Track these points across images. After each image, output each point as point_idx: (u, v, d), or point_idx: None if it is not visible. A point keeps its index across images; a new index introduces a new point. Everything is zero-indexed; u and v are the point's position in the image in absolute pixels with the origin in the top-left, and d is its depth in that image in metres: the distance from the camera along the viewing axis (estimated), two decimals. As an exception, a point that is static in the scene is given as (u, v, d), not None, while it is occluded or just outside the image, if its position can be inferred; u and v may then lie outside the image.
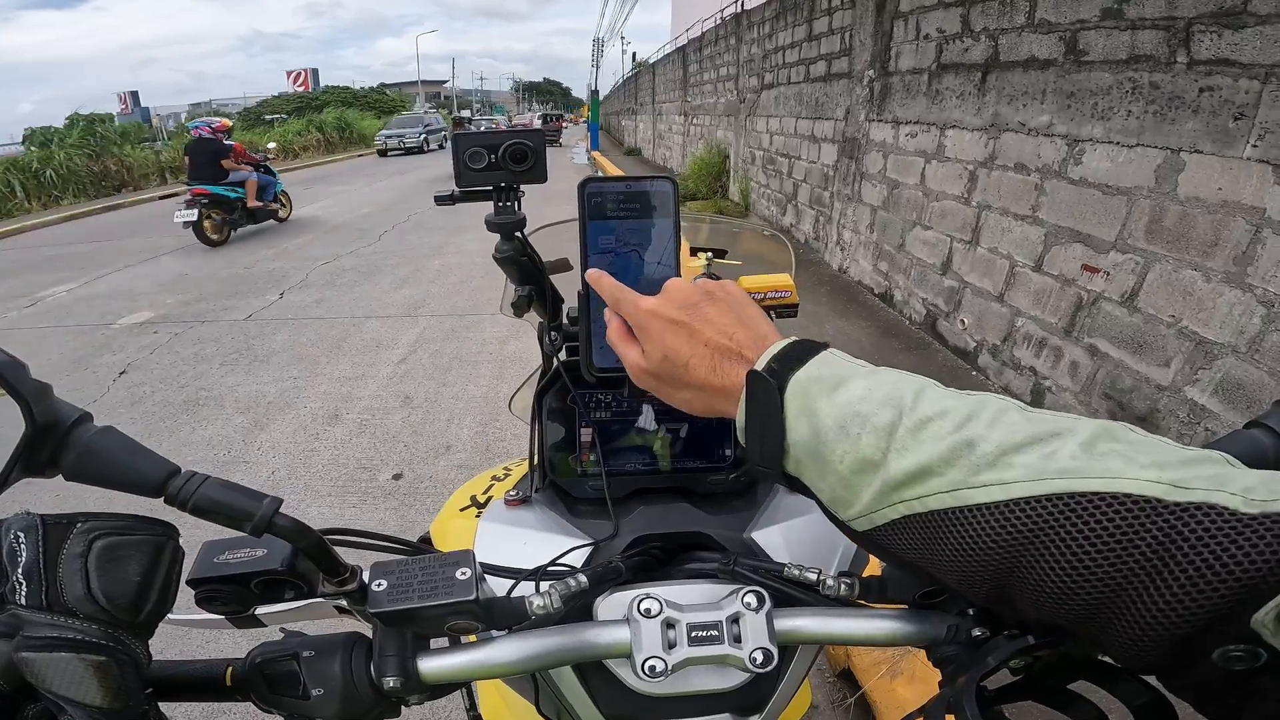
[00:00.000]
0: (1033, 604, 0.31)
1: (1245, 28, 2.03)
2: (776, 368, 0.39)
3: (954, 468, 0.32)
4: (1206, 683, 0.27)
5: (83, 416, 0.34)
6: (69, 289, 6.37)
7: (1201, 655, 0.26)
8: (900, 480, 0.33)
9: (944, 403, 0.35)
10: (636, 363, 0.47)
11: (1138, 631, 0.27)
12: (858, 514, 0.36)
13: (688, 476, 0.66)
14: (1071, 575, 0.28)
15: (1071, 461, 0.29)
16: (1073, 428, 0.32)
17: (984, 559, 0.31)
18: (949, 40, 3.70)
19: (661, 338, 0.45)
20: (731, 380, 0.42)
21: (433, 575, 0.39)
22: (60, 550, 0.33)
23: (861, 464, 0.35)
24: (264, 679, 0.42)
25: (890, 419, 0.35)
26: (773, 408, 0.38)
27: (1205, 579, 0.25)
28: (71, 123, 16.15)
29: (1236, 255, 2.11)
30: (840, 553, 0.60)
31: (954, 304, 3.80)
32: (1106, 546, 0.27)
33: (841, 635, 0.46)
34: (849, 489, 0.36)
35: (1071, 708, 0.41)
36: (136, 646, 0.35)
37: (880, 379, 0.37)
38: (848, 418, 0.36)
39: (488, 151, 0.59)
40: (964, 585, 0.34)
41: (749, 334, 0.44)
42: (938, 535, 0.33)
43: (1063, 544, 0.28)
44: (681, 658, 0.43)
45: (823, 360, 0.39)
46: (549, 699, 0.57)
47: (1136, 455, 0.29)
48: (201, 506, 0.34)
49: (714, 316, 0.45)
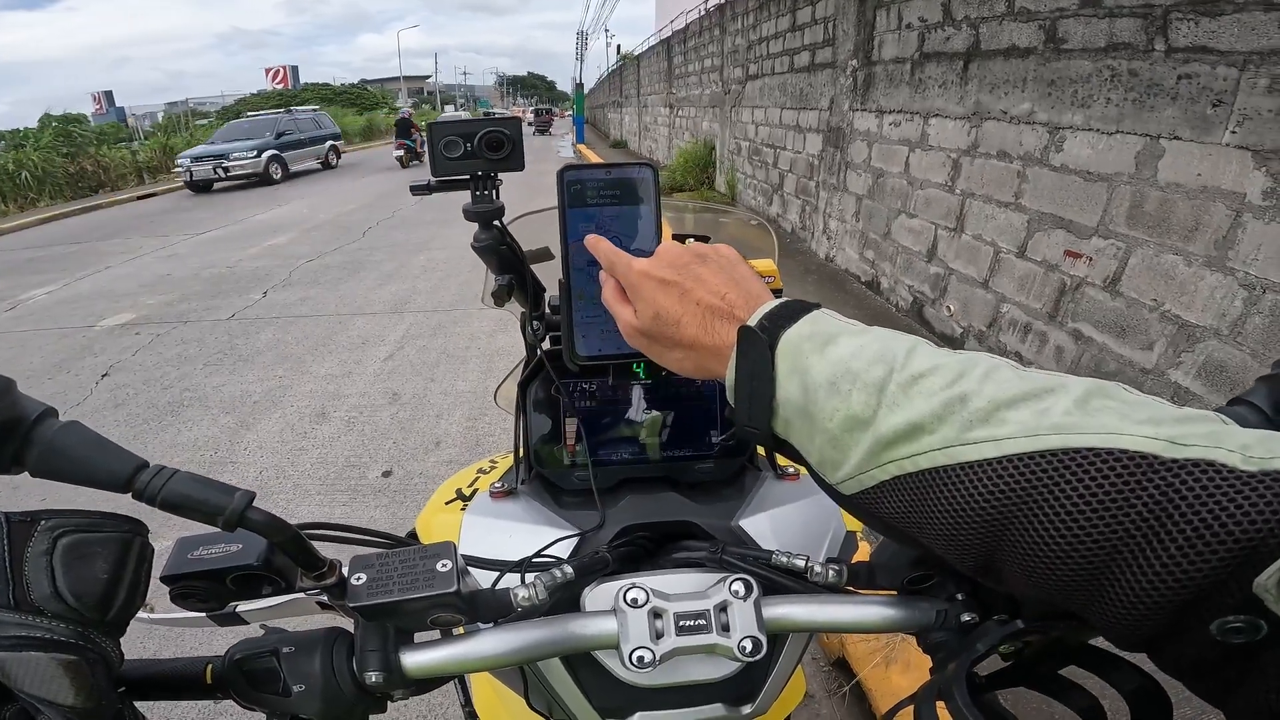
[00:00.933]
0: (1023, 571, 0.30)
1: (1222, 15, 2.04)
2: (768, 325, 0.39)
3: (946, 424, 0.31)
4: (1202, 658, 0.26)
5: (46, 411, 0.33)
6: (49, 291, 6.26)
7: (1198, 626, 0.25)
8: (891, 438, 0.33)
9: (936, 359, 0.34)
10: (629, 322, 0.47)
11: (1133, 599, 0.26)
12: (847, 475, 0.35)
13: (675, 466, 0.66)
14: (1065, 536, 0.27)
15: (1065, 418, 0.29)
16: (1065, 384, 0.31)
17: (975, 520, 0.30)
18: (931, 29, 3.70)
19: (653, 297, 0.45)
20: (722, 339, 0.42)
21: (413, 568, 0.39)
22: (25, 548, 0.32)
23: (852, 421, 0.34)
24: (244, 676, 0.41)
25: (881, 375, 0.34)
26: (763, 365, 0.38)
27: (1204, 539, 0.24)
28: (44, 124, 15.84)
29: (1217, 239, 2.13)
30: (828, 540, 0.60)
31: (940, 290, 3.82)
32: (1101, 505, 0.26)
33: (830, 623, 0.46)
34: (838, 448, 0.35)
35: (1063, 694, 0.41)
36: (107, 645, 0.34)
37: (872, 336, 0.37)
38: (838, 374, 0.35)
39: (464, 140, 0.58)
40: (953, 551, 0.32)
41: (741, 293, 0.43)
42: (928, 496, 0.32)
43: (1056, 502, 0.27)
44: (669, 648, 0.42)
45: (814, 318, 0.39)
46: (539, 693, 0.57)
47: (1131, 412, 0.28)
48: (170, 501, 0.34)
49: (706, 276, 0.44)
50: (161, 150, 17.95)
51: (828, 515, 0.62)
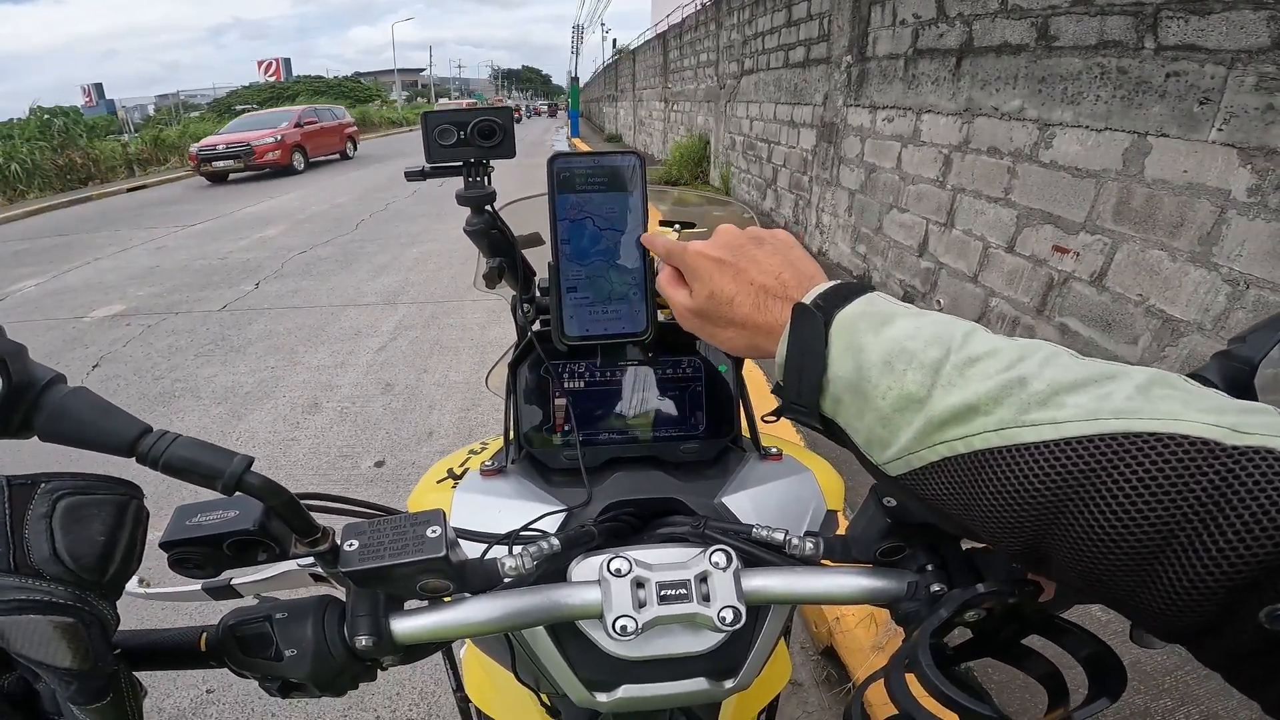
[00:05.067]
0: (1073, 557, 0.29)
1: (1211, 14, 2.06)
2: (823, 304, 0.39)
3: (1002, 406, 0.31)
4: (1246, 647, 0.26)
5: (56, 377, 0.34)
6: (38, 283, 6.22)
7: (1247, 614, 0.25)
8: (945, 418, 0.33)
9: (994, 343, 0.34)
10: (683, 303, 0.49)
11: (1185, 584, 0.26)
12: (895, 455, 0.35)
13: (661, 446, 0.67)
14: (1122, 520, 0.27)
15: (1127, 403, 0.28)
16: (1127, 371, 0.31)
17: (1028, 503, 0.30)
18: (925, 26, 3.72)
19: (710, 276, 0.46)
20: (775, 318, 0.43)
21: (403, 534, 0.40)
22: (26, 511, 0.33)
23: (905, 400, 0.34)
24: (237, 642, 0.42)
25: (938, 356, 0.34)
26: (817, 342, 0.38)
27: (1261, 525, 0.24)
28: (35, 114, 15.65)
29: (1202, 235, 2.16)
30: (809, 518, 0.62)
31: (930, 285, 3.85)
32: (1160, 489, 0.26)
33: (806, 594, 0.48)
34: (889, 427, 0.35)
35: (1024, 662, 0.43)
36: (104, 607, 0.35)
37: (930, 319, 0.37)
38: (894, 353, 0.35)
39: (457, 129, 0.59)
40: (1001, 534, 0.32)
41: (795, 274, 0.44)
42: (980, 478, 0.31)
43: (1115, 485, 0.27)
44: (651, 616, 0.44)
45: (870, 299, 0.39)
46: (526, 666, 0.58)
47: (1194, 400, 0.28)
48: (172, 464, 0.35)
49: (761, 258, 0.45)
50: (152, 143, 17.78)
51: (809, 494, 0.64)
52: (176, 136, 19.07)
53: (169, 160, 17.84)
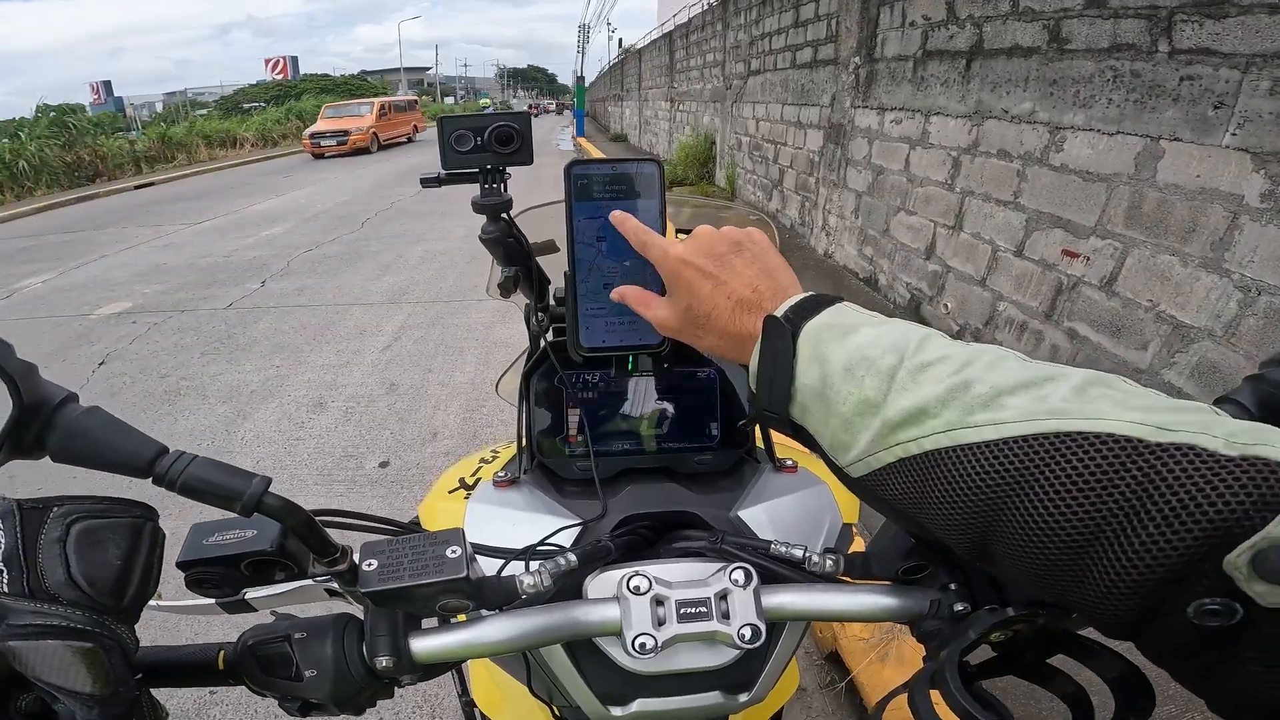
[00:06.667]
0: (1012, 553, 0.31)
1: (1227, 17, 2.05)
2: (793, 316, 0.41)
3: (949, 408, 0.33)
4: (1181, 643, 0.27)
5: (69, 397, 0.34)
6: (45, 280, 6.24)
7: (1176, 610, 0.26)
8: (898, 420, 0.34)
9: (946, 349, 0.36)
10: (661, 315, 0.49)
11: (1112, 578, 0.27)
12: (856, 457, 0.37)
13: (674, 457, 0.66)
14: (1053, 515, 0.28)
15: (1062, 403, 0.30)
16: (1066, 374, 0.32)
17: (972, 500, 0.31)
18: (934, 27, 3.70)
19: (690, 286, 0.47)
20: (750, 329, 0.44)
21: (423, 554, 0.39)
22: (39, 535, 0.32)
23: (863, 405, 0.36)
24: (256, 661, 0.41)
25: (893, 362, 0.36)
26: (785, 353, 0.40)
27: (1180, 519, 0.25)
28: (42, 112, 15.72)
29: (1214, 241, 2.14)
30: (825, 532, 0.61)
31: (937, 288, 3.83)
32: (1087, 485, 0.27)
33: (827, 611, 0.47)
34: (849, 431, 0.37)
35: (1050, 682, 0.42)
36: (123, 631, 0.34)
37: (889, 327, 0.39)
38: (854, 361, 0.37)
39: (474, 134, 0.59)
40: (951, 532, 0.34)
41: (771, 284, 0.45)
42: (930, 477, 0.33)
43: (1046, 483, 0.28)
44: (671, 634, 0.43)
45: (837, 310, 0.41)
46: (541, 679, 0.58)
47: (1126, 400, 0.29)
48: (190, 486, 0.34)
49: (740, 268, 0.46)
50: (160, 140, 17.84)
51: (824, 508, 0.63)
52: (184, 134, 19.12)
53: (176, 158, 17.94)
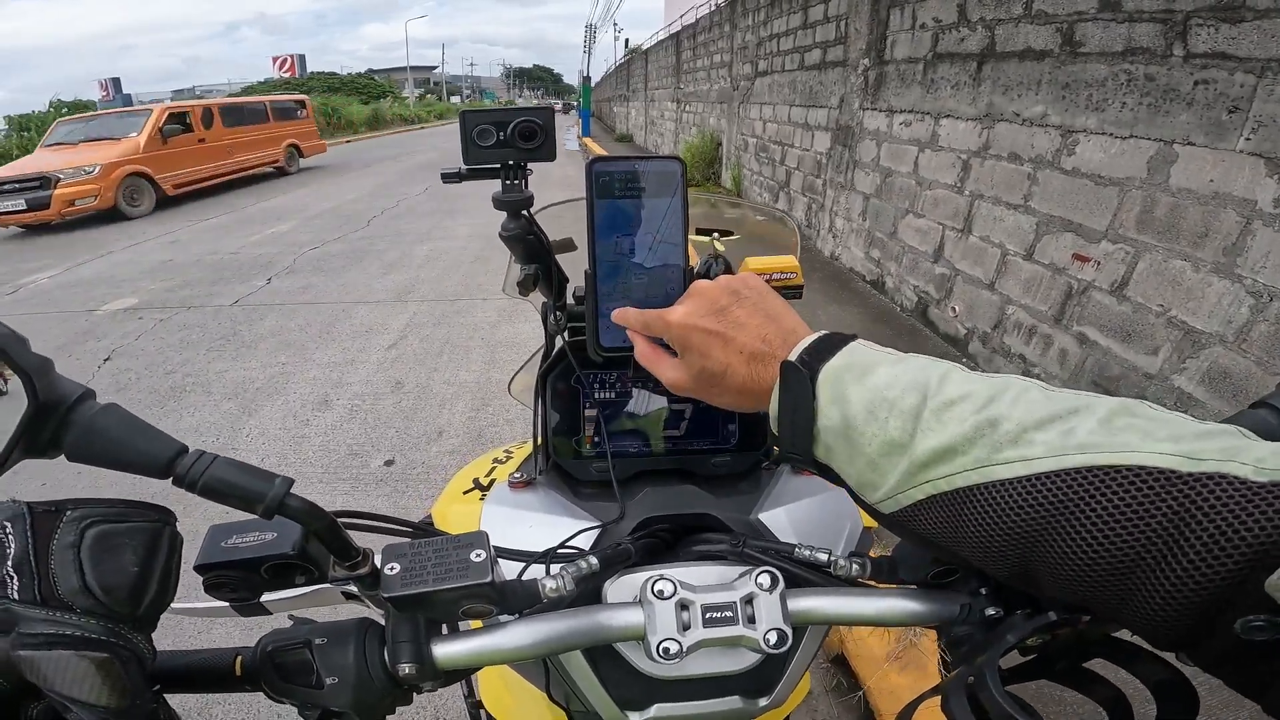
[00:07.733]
0: (1055, 579, 0.31)
1: (1243, 21, 2.03)
2: (808, 359, 0.41)
3: (977, 446, 0.33)
4: (1232, 656, 0.27)
5: (85, 394, 0.33)
6: (51, 275, 6.25)
7: (1223, 627, 0.26)
8: (926, 460, 0.34)
9: (968, 385, 0.36)
10: (673, 378, 0.49)
11: (1159, 602, 0.28)
12: (885, 495, 0.37)
13: (691, 458, 0.65)
14: (1092, 547, 0.29)
15: (1090, 437, 0.30)
16: (1091, 405, 0.32)
17: (1008, 534, 0.32)
18: (945, 30, 3.69)
19: (700, 348, 0.46)
20: (767, 380, 0.43)
21: (446, 558, 0.38)
22: (51, 540, 0.31)
23: (889, 446, 0.36)
24: (275, 668, 0.40)
25: (916, 402, 0.36)
26: (805, 397, 0.40)
27: (1220, 546, 0.25)
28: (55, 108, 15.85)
29: (1226, 246, 2.13)
30: (846, 535, 0.60)
31: (945, 291, 3.81)
32: (1124, 518, 0.28)
33: (855, 615, 0.46)
34: (877, 471, 0.37)
35: (1087, 686, 0.41)
36: (139, 641, 0.33)
37: (906, 365, 0.39)
38: (876, 403, 0.37)
39: (496, 129, 0.58)
40: (988, 562, 0.34)
41: (778, 330, 0.45)
42: (963, 513, 0.33)
43: (1083, 515, 0.29)
44: (696, 639, 0.42)
45: (852, 350, 0.41)
46: (558, 684, 0.57)
47: (1153, 429, 0.30)
48: (212, 487, 0.33)
49: (745, 319, 0.46)
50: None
51: (845, 510, 0.62)
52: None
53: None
